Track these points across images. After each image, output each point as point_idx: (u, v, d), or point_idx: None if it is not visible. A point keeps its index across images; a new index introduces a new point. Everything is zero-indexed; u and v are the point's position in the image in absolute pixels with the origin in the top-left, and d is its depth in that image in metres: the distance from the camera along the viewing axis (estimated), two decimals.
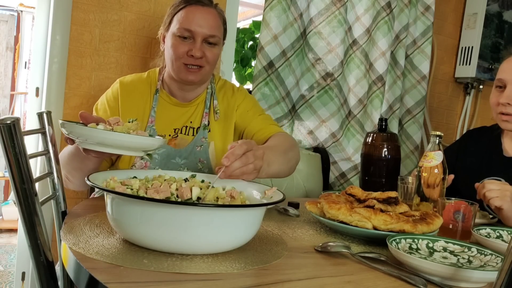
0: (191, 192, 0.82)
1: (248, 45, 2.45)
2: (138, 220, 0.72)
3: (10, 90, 4.81)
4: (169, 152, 1.29)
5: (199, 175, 0.98)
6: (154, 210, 0.70)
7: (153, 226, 0.71)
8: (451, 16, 2.56)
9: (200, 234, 0.72)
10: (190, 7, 1.28)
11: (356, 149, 2.10)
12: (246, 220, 0.77)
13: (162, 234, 0.71)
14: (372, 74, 2.12)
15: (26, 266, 1.67)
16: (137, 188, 0.83)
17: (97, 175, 0.84)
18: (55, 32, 1.59)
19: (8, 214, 3.81)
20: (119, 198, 0.74)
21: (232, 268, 0.71)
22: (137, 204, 0.72)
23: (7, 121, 0.81)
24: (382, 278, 0.75)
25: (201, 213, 0.71)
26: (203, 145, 1.32)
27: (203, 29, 1.26)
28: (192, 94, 1.37)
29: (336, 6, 1.96)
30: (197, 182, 0.92)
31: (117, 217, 0.75)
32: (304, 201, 1.18)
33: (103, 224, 0.88)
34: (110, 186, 0.82)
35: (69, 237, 0.78)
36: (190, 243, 0.72)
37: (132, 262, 0.68)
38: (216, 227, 0.72)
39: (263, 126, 1.35)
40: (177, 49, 1.26)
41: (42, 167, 1.58)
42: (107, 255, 0.70)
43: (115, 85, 1.35)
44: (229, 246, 0.77)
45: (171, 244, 0.72)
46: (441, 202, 1.11)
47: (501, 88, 1.45)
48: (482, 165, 1.50)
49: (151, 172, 0.97)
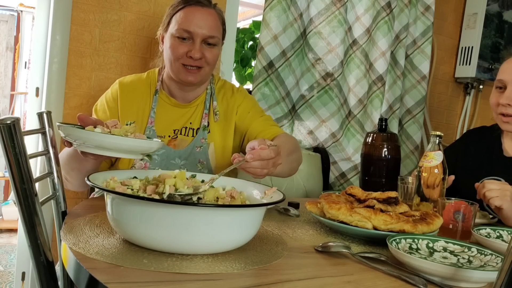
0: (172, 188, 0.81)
1: (248, 45, 2.45)
2: (138, 220, 0.72)
3: (10, 90, 4.81)
4: (168, 153, 1.28)
5: (199, 175, 0.98)
6: (154, 210, 0.70)
7: (153, 226, 0.71)
8: (451, 16, 2.56)
9: (200, 234, 0.72)
10: (189, 7, 1.27)
11: (356, 149, 2.10)
12: (246, 220, 0.77)
13: (162, 234, 0.71)
14: (372, 74, 2.12)
15: (26, 266, 1.67)
16: (138, 188, 0.83)
17: (97, 175, 0.84)
18: (55, 32, 1.59)
19: (8, 214, 3.81)
20: (119, 198, 0.74)
21: (232, 268, 0.71)
22: (137, 204, 0.72)
23: (7, 121, 0.81)
24: (382, 278, 0.75)
25: (201, 213, 0.71)
26: (203, 146, 1.32)
27: (202, 30, 1.25)
28: (192, 95, 1.36)
29: (336, 6, 1.96)
30: (197, 182, 0.92)
31: (117, 217, 0.75)
32: (304, 201, 1.18)
33: (103, 224, 0.88)
34: (110, 186, 0.82)
35: (69, 237, 0.78)
36: (190, 243, 0.72)
37: (132, 262, 0.68)
38: (216, 227, 0.72)
39: (265, 128, 1.35)
40: (176, 50, 1.25)
41: (42, 167, 1.58)
42: (107, 255, 0.70)
43: (114, 86, 1.35)
44: (229, 246, 0.77)
45: (171, 244, 0.72)
46: (441, 202, 1.11)
47: (502, 89, 1.44)
48: (482, 165, 1.50)
49: (151, 172, 0.97)
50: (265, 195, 0.89)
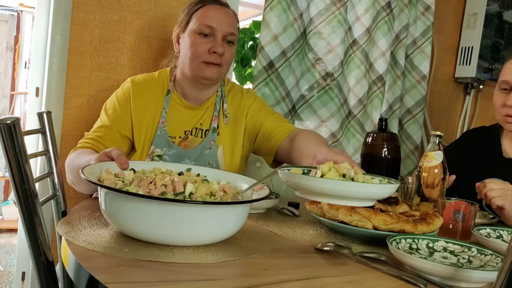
0: (185, 188, 0.84)
1: (248, 45, 2.44)
2: (128, 213, 0.75)
3: (10, 90, 4.81)
4: (179, 153, 1.29)
5: (195, 168, 0.99)
6: (140, 205, 0.73)
7: (140, 219, 0.74)
8: (451, 16, 2.56)
9: (187, 228, 0.75)
10: (209, 5, 1.29)
11: (356, 149, 2.10)
12: (231, 215, 0.80)
13: (150, 227, 0.74)
14: (372, 74, 2.12)
15: (26, 266, 1.66)
16: (130, 180, 0.85)
17: (92, 168, 0.85)
18: (55, 32, 1.59)
19: (8, 214, 3.80)
20: (111, 193, 0.77)
21: (208, 259, 0.73)
22: (127, 200, 0.75)
23: (7, 121, 0.81)
24: (382, 278, 0.75)
25: (188, 209, 0.74)
26: (212, 148, 1.32)
27: (223, 26, 1.27)
28: (205, 95, 1.36)
29: (336, 6, 1.96)
30: (192, 176, 0.93)
31: (110, 211, 0.78)
32: (304, 201, 1.18)
33: (101, 217, 0.91)
34: (102, 177, 0.83)
35: (64, 227, 0.83)
36: (177, 236, 0.76)
37: (113, 250, 0.73)
38: (202, 221, 0.75)
39: (278, 125, 1.36)
40: (197, 48, 1.26)
41: (42, 167, 1.58)
42: (94, 243, 0.75)
43: (126, 84, 1.34)
44: (213, 239, 0.80)
45: (157, 235, 0.75)
46: (441, 202, 1.11)
47: (506, 90, 1.43)
48: (482, 166, 1.50)
49: (148, 164, 0.97)
50: (253, 191, 0.90)
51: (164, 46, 1.64)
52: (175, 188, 0.83)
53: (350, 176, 0.85)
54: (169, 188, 0.83)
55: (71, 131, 1.64)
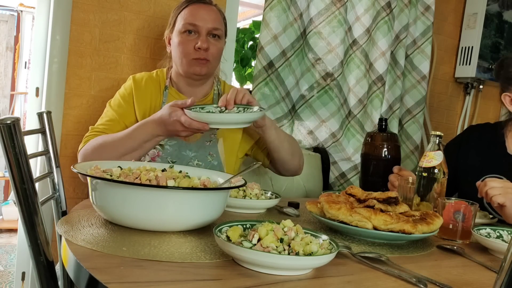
0: (166, 182, 0.90)
1: (248, 45, 2.44)
2: (118, 202, 0.82)
3: (10, 90, 4.81)
4: (180, 145, 1.35)
5: (177, 166, 1.05)
6: (129, 192, 0.81)
7: (128, 206, 0.82)
8: (451, 16, 2.56)
9: (170, 212, 0.83)
10: (193, 5, 1.37)
11: (356, 149, 2.10)
12: (209, 201, 0.87)
13: (137, 213, 0.82)
14: (372, 74, 2.12)
15: (26, 266, 1.66)
16: (117, 175, 0.90)
17: (83, 165, 0.93)
18: (55, 32, 1.59)
19: (8, 214, 3.80)
20: (102, 183, 0.84)
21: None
22: (116, 187, 0.82)
23: (7, 121, 0.81)
24: (382, 278, 0.75)
25: (172, 194, 0.82)
26: (212, 140, 1.39)
27: (206, 23, 1.34)
28: (200, 91, 1.43)
29: (336, 6, 1.96)
30: (174, 172, 0.99)
31: (100, 201, 0.86)
32: (304, 201, 1.18)
33: (100, 216, 0.92)
34: (90, 173, 0.88)
35: (63, 226, 0.84)
36: (161, 220, 0.84)
37: (112, 249, 0.74)
38: (182, 206, 0.83)
39: None
40: (184, 46, 1.34)
41: (42, 167, 1.58)
42: (92, 242, 0.76)
43: (128, 82, 1.42)
44: (194, 224, 0.87)
45: (144, 221, 0.83)
46: (441, 202, 1.11)
47: None
48: (485, 163, 1.49)
49: (134, 163, 1.03)
50: (230, 183, 0.98)
51: (163, 46, 1.63)
52: (159, 182, 0.89)
53: (290, 238, 0.80)
54: (153, 182, 0.89)
55: (71, 131, 1.64)
